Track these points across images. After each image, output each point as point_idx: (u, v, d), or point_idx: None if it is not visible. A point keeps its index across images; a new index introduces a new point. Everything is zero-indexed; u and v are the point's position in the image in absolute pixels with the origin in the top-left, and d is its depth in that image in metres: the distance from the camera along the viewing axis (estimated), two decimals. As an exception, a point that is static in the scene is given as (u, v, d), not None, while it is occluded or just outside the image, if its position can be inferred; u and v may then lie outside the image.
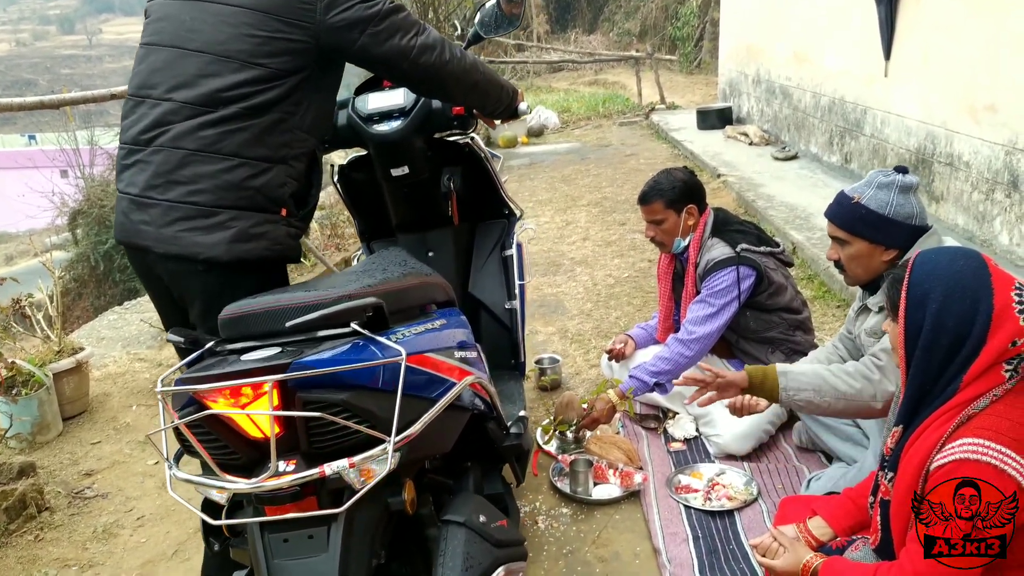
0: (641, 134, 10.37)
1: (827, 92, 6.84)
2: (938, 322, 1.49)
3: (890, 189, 2.16)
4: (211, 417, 1.40)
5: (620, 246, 5.54)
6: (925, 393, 1.54)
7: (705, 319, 2.83)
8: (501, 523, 1.79)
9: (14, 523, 2.77)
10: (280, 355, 1.44)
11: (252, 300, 1.59)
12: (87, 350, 3.72)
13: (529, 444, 2.35)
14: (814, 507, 1.94)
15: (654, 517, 2.51)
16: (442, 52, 2.02)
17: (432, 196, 2.55)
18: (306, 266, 5.80)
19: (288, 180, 1.97)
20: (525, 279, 2.79)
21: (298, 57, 1.92)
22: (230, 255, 1.89)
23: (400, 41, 1.96)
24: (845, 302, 4.09)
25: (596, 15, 20.84)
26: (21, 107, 3.97)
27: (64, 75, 51.89)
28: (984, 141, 4.47)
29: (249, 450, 1.45)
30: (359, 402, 1.43)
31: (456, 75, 2.08)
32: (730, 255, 2.83)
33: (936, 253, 1.57)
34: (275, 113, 1.92)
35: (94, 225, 7.12)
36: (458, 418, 1.84)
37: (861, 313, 2.38)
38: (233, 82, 1.88)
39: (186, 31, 1.93)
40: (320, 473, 1.39)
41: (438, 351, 1.71)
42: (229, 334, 1.59)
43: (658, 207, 2.93)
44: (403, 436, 1.46)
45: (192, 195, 1.87)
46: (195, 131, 1.88)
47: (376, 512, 1.55)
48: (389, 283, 1.74)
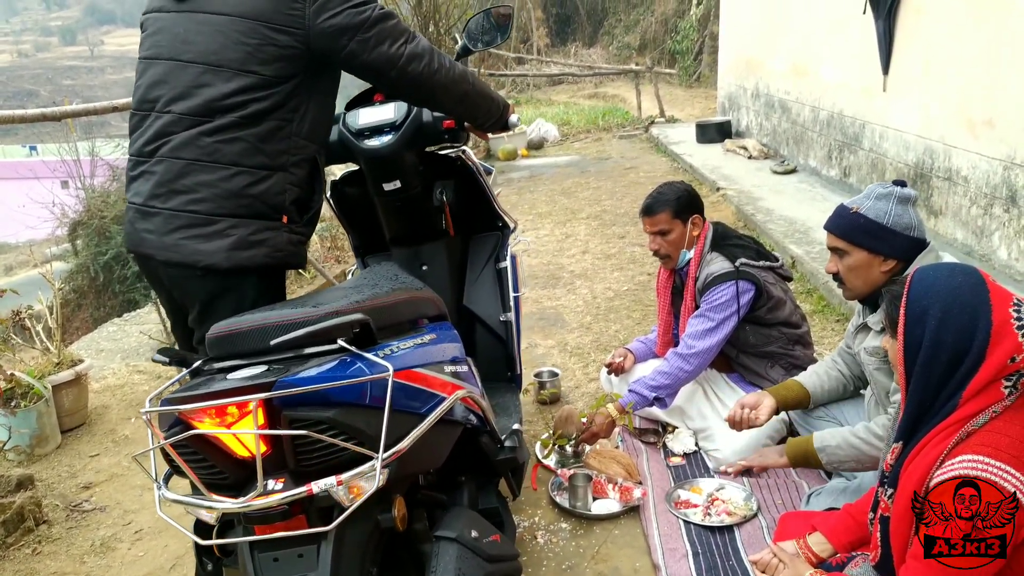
0: (640, 147, 10.40)
1: (826, 106, 6.87)
2: (937, 338, 1.50)
3: (888, 199, 2.19)
4: (198, 437, 1.40)
5: (620, 259, 5.55)
6: (924, 409, 1.54)
7: (704, 333, 2.83)
8: (494, 538, 1.79)
9: (12, 536, 2.76)
10: (266, 373, 1.43)
11: (239, 318, 1.59)
12: (86, 362, 3.72)
13: (524, 457, 2.34)
14: (814, 523, 1.93)
15: (653, 532, 2.50)
16: (431, 61, 2.02)
17: (425, 210, 2.54)
18: (306, 278, 5.81)
19: (289, 187, 1.98)
20: (520, 291, 2.78)
21: (290, 63, 1.93)
22: (229, 263, 1.92)
23: (389, 49, 1.96)
24: (844, 316, 4.10)
25: (596, 29, 20.94)
26: (23, 119, 3.98)
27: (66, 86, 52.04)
28: (982, 156, 4.49)
29: (237, 469, 1.44)
30: (346, 419, 1.42)
31: (445, 85, 2.08)
32: (729, 269, 2.84)
33: (934, 269, 1.58)
34: (272, 121, 1.93)
35: (94, 236, 7.12)
36: (450, 433, 1.83)
37: (860, 331, 2.39)
38: (227, 91, 1.90)
39: (180, 43, 1.95)
40: (308, 491, 1.38)
41: (427, 366, 1.70)
42: (216, 353, 1.58)
43: (664, 217, 2.92)
44: (392, 452, 1.45)
45: (192, 204, 1.91)
46: (194, 141, 1.91)
47: (366, 529, 1.55)
48: (377, 299, 1.74)
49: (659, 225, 2.94)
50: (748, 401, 2.59)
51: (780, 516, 2.18)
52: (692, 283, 2.96)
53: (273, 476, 1.43)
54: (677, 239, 2.95)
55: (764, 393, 2.59)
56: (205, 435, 1.40)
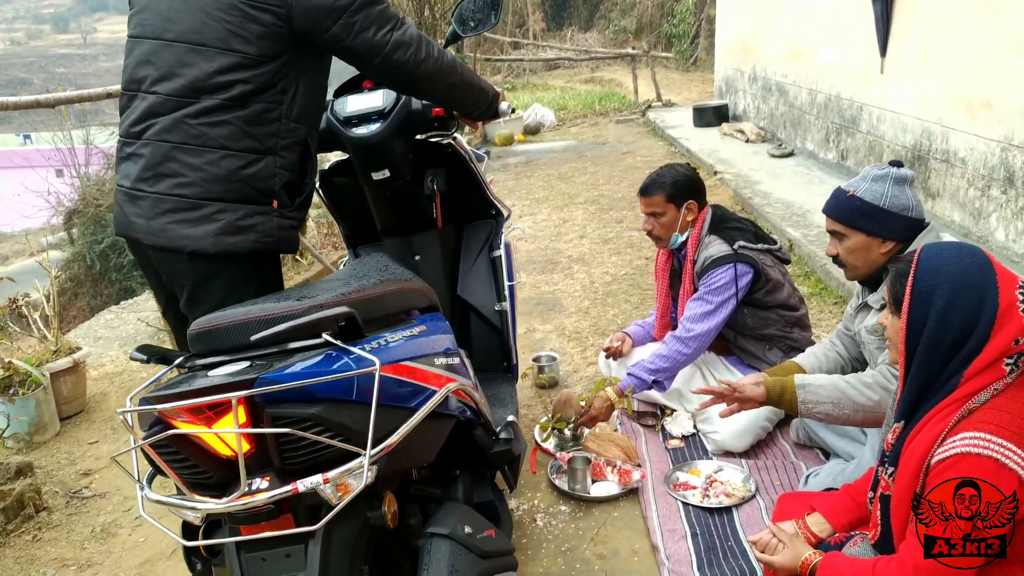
0: (637, 132, 10.37)
1: (823, 89, 6.85)
2: (943, 319, 1.49)
3: (884, 181, 2.18)
4: (179, 436, 1.36)
5: (617, 244, 5.55)
6: (925, 389, 1.55)
7: (703, 316, 2.83)
8: (489, 533, 1.77)
9: (12, 523, 2.77)
10: (248, 370, 1.40)
11: (221, 313, 1.56)
12: (84, 350, 3.71)
13: (520, 449, 2.30)
14: (812, 503, 1.94)
15: (652, 514, 2.51)
16: (418, 50, 1.98)
17: (416, 199, 2.50)
18: (303, 264, 5.80)
19: (279, 171, 1.95)
20: (515, 280, 2.73)
21: (275, 42, 1.89)
22: (217, 248, 1.89)
23: (374, 35, 1.92)
24: (842, 299, 4.10)
25: (592, 12, 20.83)
26: (16, 106, 3.95)
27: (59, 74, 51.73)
28: (980, 137, 4.48)
29: (221, 469, 1.41)
30: (331, 416, 1.39)
31: (431, 75, 2.04)
32: (727, 252, 2.83)
33: (941, 248, 1.57)
34: (259, 103, 1.90)
35: (90, 224, 7.09)
36: (442, 426, 1.80)
37: (861, 310, 2.39)
38: (210, 70, 1.86)
39: (164, 21, 1.92)
40: (293, 490, 1.36)
41: (417, 359, 1.67)
42: (198, 349, 1.55)
43: (659, 200, 2.93)
44: (380, 448, 1.43)
45: (179, 187, 1.88)
46: (179, 123, 1.88)
47: (356, 527, 1.52)
48: (364, 291, 1.71)
49: (653, 207, 2.95)
50: (746, 381, 2.59)
51: (778, 497, 2.19)
52: (690, 266, 2.96)
53: (259, 475, 1.40)
54: (670, 222, 2.95)
55: (761, 375, 2.60)
56: (186, 435, 1.37)
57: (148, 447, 1.35)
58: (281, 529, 1.40)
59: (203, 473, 1.42)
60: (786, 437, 2.89)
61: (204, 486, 1.43)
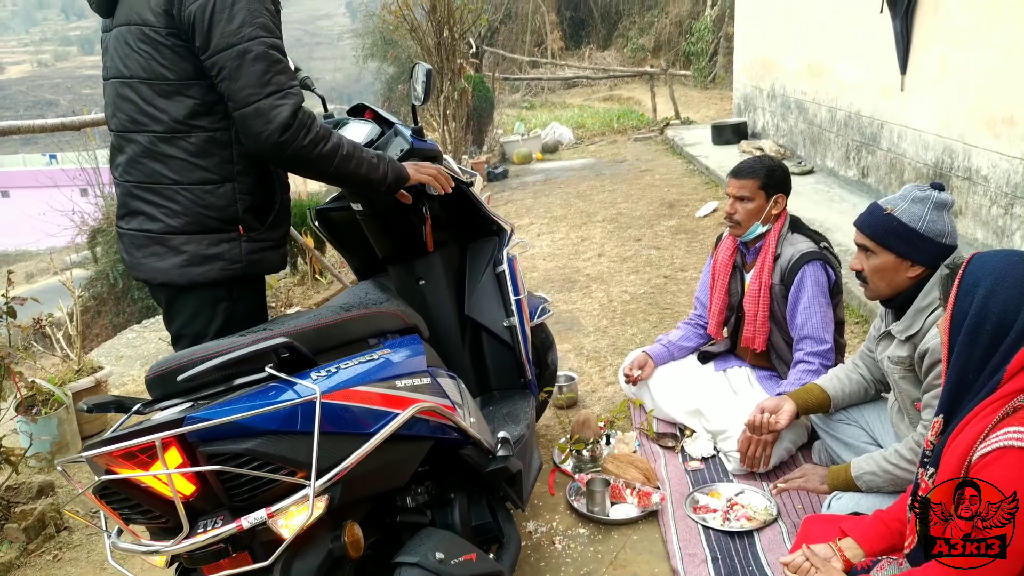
0: (656, 149, 10.35)
1: (843, 106, 6.81)
2: (983, 308, 1.52)
3: (924, 204, 2.13)
4: (125, 482, 1.38)
5: (636, 262, 5.52)
6: (966, 382, 1.55)
7: (825, 323, 2.80)
8: (468, 557, 1.75)
9: (33, 543, 2.79)
10: (185, 410, 1.42)
11: (173, 356, 1.59)
12: (106, 369, 3.75)
13: (519, 466, 2.26)
14: (844, 528, 1.90)
15: (672, 538, 2.48)
16: (298, 131, 1.82)
17: (409, 225, 2.46)
18: (322, 283, 5.83)
19: (240, 196, 1.96)
20: (521, 294, 2.69)
21: (187, 63, 1.86)
22: (184, 279, 1.96)
23: (249, 76, 1.79)
24: (864, 319, 4.06)
25: (610, 31, 20.90)
26: (43, 129, 4.02)
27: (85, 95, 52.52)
28: (1003, 155, 4.43)
29: (172, 511, 1.41)
30: (268, 449, 1.39)
31: (304, 159, 1.87)
32: (816, 250, 2.83)
33: (992, 252, 1.61)
34: (200, 132, 1.90)
35: (113, 243, 7.18)
36: (413, 450, 1.78)
37: (884, 339, 2.35)
38: (140, 102, 1.90)
39: (111, 61, 1.98)
40: (237, 528, 1.36)
41: (373, 382, 1.66)
42: (155, 395, 1.58)
43: (751, 184, 2.90)
44: (329, 478, 1.43)
45: (146, 223, 1.96)
46: (133, 162, 1.95)
47: (318, 558, 1.52)
48: (319, 320, 1.73)
49: (744, 190, 2.92)
50: (768, 405, 2.56)
51: (803, 519, 2.15)
52: (770, 258, 2.91)
53: (213, 514, 1.42)
54: (756, 209, 2.91)
55: (785, 397, 2.57)
56: (132, 480, 1.37)
57: (90, 495, 1.39)
58: (240, 566, 1.42)
59: (159, 517, 1.43)
60: (808, 459, 2.85)
61: (165, 530, 1.44)
